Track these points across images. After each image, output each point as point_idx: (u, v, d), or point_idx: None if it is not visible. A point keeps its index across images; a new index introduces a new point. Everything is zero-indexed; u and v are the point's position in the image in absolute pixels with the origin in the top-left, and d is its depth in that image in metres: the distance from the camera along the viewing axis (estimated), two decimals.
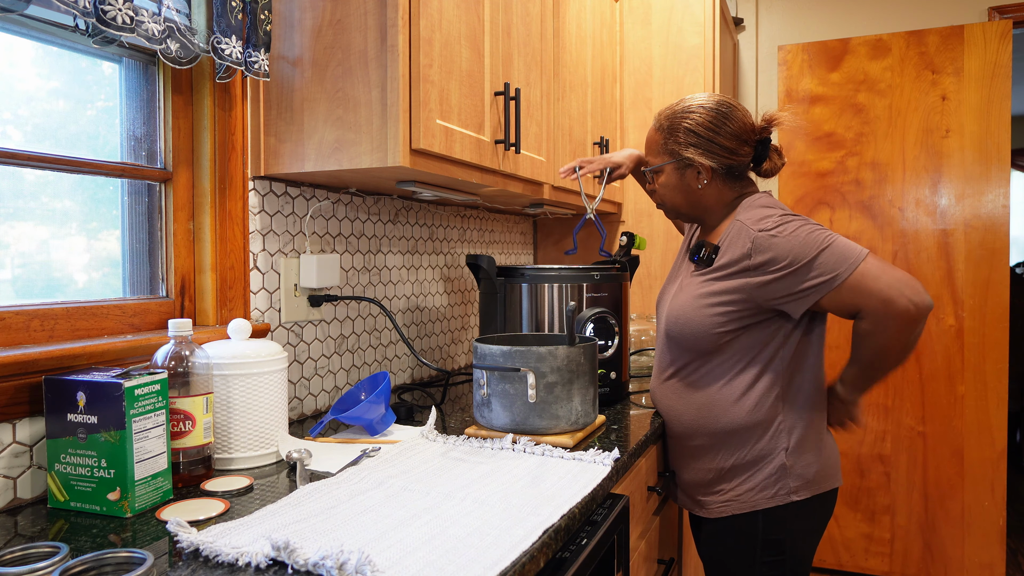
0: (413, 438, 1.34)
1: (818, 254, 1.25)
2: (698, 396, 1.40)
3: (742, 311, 1.32)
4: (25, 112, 1.15)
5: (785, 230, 1.28)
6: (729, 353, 1.36)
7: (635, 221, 2.67)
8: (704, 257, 1.37)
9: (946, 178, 2.79)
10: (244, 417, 1.18)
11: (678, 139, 1.39)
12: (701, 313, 1.35)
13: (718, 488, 1.41)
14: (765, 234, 1.29)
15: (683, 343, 1.39)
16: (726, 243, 1.35)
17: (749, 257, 1.29)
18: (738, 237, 1.32)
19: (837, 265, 1.25)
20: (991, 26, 2.71)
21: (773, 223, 1.30)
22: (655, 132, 1.44)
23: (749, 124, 1.39)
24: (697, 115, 1.38)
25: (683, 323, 1.38)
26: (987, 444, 2.75)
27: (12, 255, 1.13)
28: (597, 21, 2.35)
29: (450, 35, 1.40)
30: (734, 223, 1.36)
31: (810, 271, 1.25)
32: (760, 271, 1.29)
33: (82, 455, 0.98)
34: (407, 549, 0.83)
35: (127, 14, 1.04)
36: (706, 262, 1.37)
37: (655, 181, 1.46)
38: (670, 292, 1.49)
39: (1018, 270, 4.71)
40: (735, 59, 3.17)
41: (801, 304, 1.29)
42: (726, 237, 1.36)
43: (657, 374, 1.52)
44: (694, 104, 1.39)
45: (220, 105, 1.36)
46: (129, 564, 0.76)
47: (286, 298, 1.52)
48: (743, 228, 1.32)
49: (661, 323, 1.48)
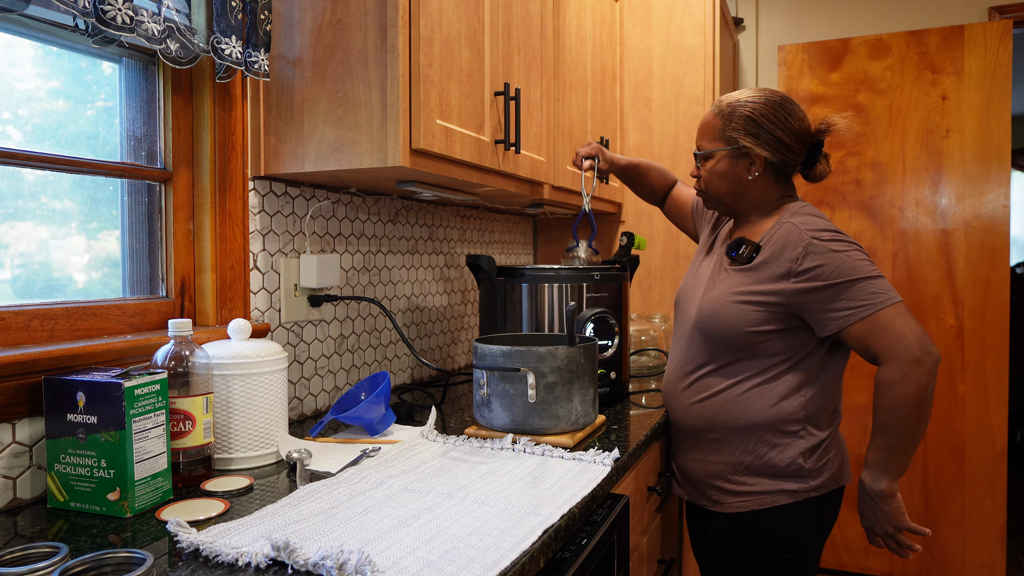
0: (413, 438, 1.34)
1: (860, 280, 1.27)
2: (724, 391, 1.39)
3: (778, 314, 1.32)
4: (25, 112, 1.14)
5: (839, 247, 1.29)
6: (760, 351, 1.35)
7: (635, 221, 2.67)
8: (744, 254, 1.37)
9: (946, 178, 2.79)
10: (244, 417, 1.18)
11: (738, 126, 1.38)
12: (737, 309, 1.34)
13: (737, 484, 1.40)
14: (820, 243, 1.29)
15: (715, 338, 1.38)
16: (771, 243, 1.34)
17: (797, 261, 1.30)
18: (787, 238, 1.32)
19: (873, 297, 1.27)
20: (991, 26, 2.71)
21: (829, 236, 1.31)
22: (714, 117, 1.42)
23: (807, 125, 1.40)
24: (762, 106, 1.37)
25: (718, 318, 1.37)
26: (987, 444, 2.75)
27: (12, 255, 1.13)
28: (597, 21, 2.35)
29: (450, 35, 1.40)
30: (781, 224, 1.35)
31: (847, 293, 1.27)
32: (802, 277, 1.29)
33: (82, 455, 0.98)
34: (407, 549, 0.83)
35: (127, 14, 1.04)
36: (745, 259, 1.36)
37: (704, 166, 1.44)
38: (698, 286, 1.47)
39: (1018, 270, 4.71)
40: (735, 59, 3.17)
41: (828, 324, 1.30)
42: (770, 236, 1.35)
43: (679, 367, 1.48)
44: (759, 96, 1.39)
45: (220, 105, 1.36)
46: (129, 564, 0.75)
47: (286, 298, 1.52)
48: (794, 230, 1.32)
49: (687, 317, 1.47)
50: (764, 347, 1.34)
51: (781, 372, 1.35)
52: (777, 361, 1.35)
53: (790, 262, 1.30)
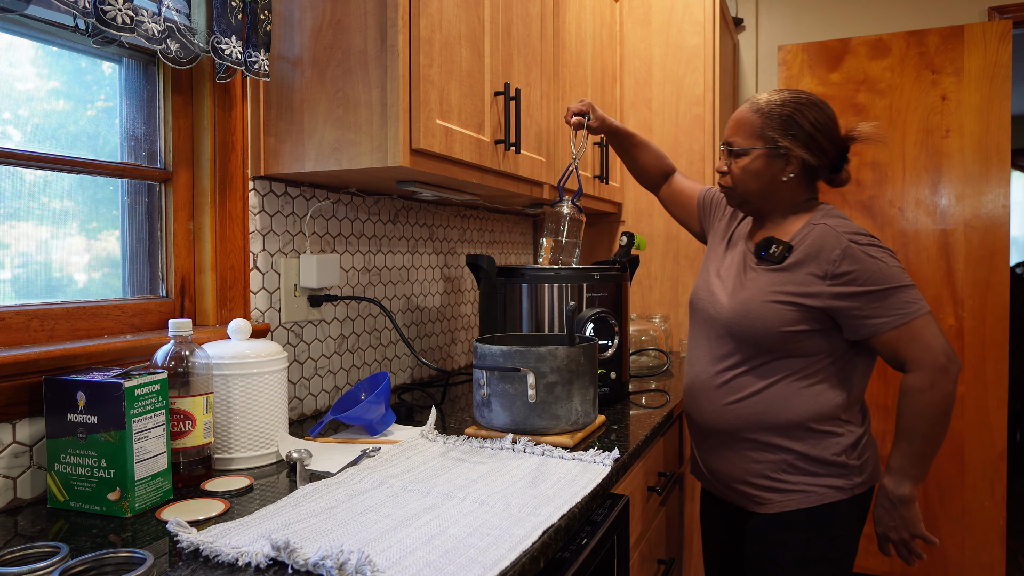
0: (413, 438, 1.34)
1: (896, 289, 1.28)
2: (761, 391, 1.37)
3: (813, 314, 1.31)
4: (25, 112, 1.15)
5: (876, 252, 1.29)
6: (795, 351, 1.34)
7: (635, 221, 2.67)
8: (776, 254, 1.35)
9: (946, 178, 2.79)
10: (244, 417, 1.18)
11: (777, 126, 1.35)
12: (772, 309, 1.33)
13: (780, 482, 1.37)
14: (858, 247, 1.29)
15: (749, 339, 1.37)
16: (805, 243, 1.33)
17: (834, 263, 1.29)
18: (824, 240, 1.31)
19: (907, 306, 1.28)
20: (991, 26, 2.71)
21: (866, 240, 1.30)
22: (752, 114, 1.38)
23: (840, 130, 1.39)
24: (804, 107, 1.35)
25: (753, 319, 1.35)
26: (987, 444, 2.75)
27: (12, 255, 1.13)
28: (597, 21, 2.35)
29: (450, 35, 1.40)
30: (813, 225, 1.34)
31: (882, 301, 1.28)
32: (838, 280, 1.29)
33: (82, 455, 0.98)
34: (407, 549, 0.83)
35: (127, 14, 1.04)
36: (777, 259, 1.35)
37: (736, 163, 1.40)
38: (722, 285, 1.45)
39: (1018, 270, 4.71)
40: (735, 59, 3.17)
41: (861, 329, 1.30)
42: (803, 237, 1.34)
43: (706, 367, 1.45)
44: (799, 96, 1.36)
45: (220, 105, 1.36)
46: (129, 564, 0.75)
47: (286, 298, 1.52)
48: (831, 232, 1.31)
49: (709, 316, 1.45)
50: (799, 347, 1.33)
51: (817, 370, 1.34)
52: (812, 360, 1.34)
53: (827, 264, 1.30)
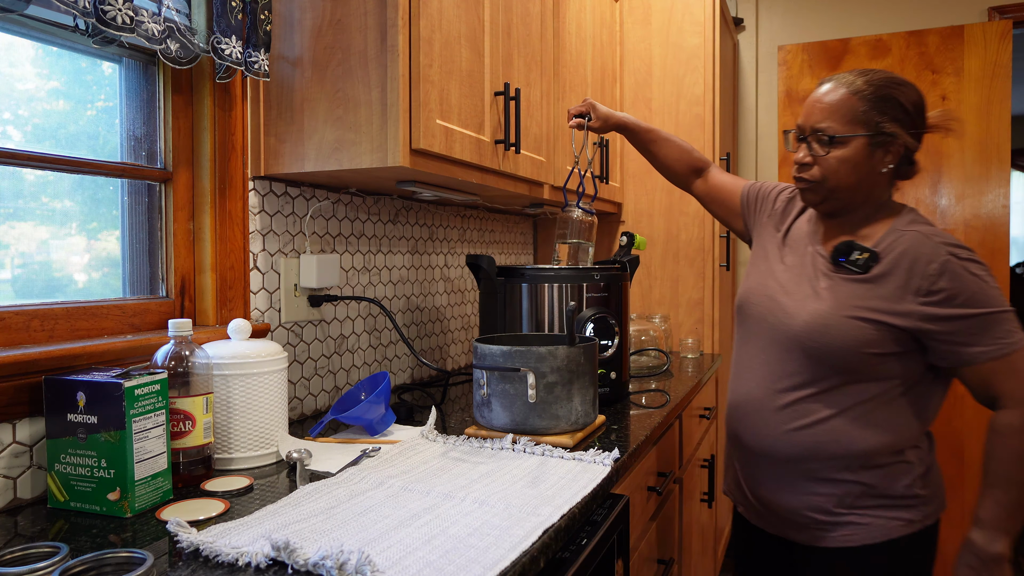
0: (413, 438, 1.34)
1: (996, 314, 1.13)
2: (830, 419, 1.22)
3: (897, 335, 1.17)
4: (25, 112, 1.15)
5: (976, 270, 1.14)
6: (872, 374, 1.19)
7: (635, 221, 2.67)
8: (860, 262, 1.20)
9: (946, 178, 2.79)
10: (244, 417, 1.18)
11: (884, 109, 1.18)
12: (854, 327, 1.18)
13: (841, 516, 1.23)
14: (958, 261, 1.14)
15: (823, 357, 1.21)
16: (895, 251, 1.18)
17: (931, 278, 1.14)
18: (919, 250, 1.16)
19: (1008, 335, 1.14)
20: (991, 26, 2.71)
21: (967, 255, 1.15)
22: (851, 97, 1.19)
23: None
24: (908, 89, 1.20)
25: (832, 336, 1.19)
26: None
27: (12, 255, 1.13)
28: (597, 21, 2.35)
29: (450, 35, 1.40)
30: (901, 231, 1.20)
31: (982, 329, 1.13)
32: (933, 298, 1.14)
33: (82, 455, 0.98)
34: (407, 549, 0.83)
35: (127, 14, 1.04)
36: (862, 268, 1.20)
37: (830, 153, 1.21)
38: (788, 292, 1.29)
39: (1018, 270, 4.71)
40: (735, 59, 3.17)
41: (952, 356, 1.16)
42: (890, 244, 1.19)
43: (766, 385, 1.29)
44: (898, 76, 1.21)
45: (220, 105, 1.36)
46: (129, 564, 0.75)
47: (286, 298, 1.52)
48: (926, 241, 1.16)
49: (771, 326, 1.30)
50: (876, 370, 1.18)
51: (892, 398, 1.20)
52: (888, 385, 1.20)
53: (921, 278, 1.15)
